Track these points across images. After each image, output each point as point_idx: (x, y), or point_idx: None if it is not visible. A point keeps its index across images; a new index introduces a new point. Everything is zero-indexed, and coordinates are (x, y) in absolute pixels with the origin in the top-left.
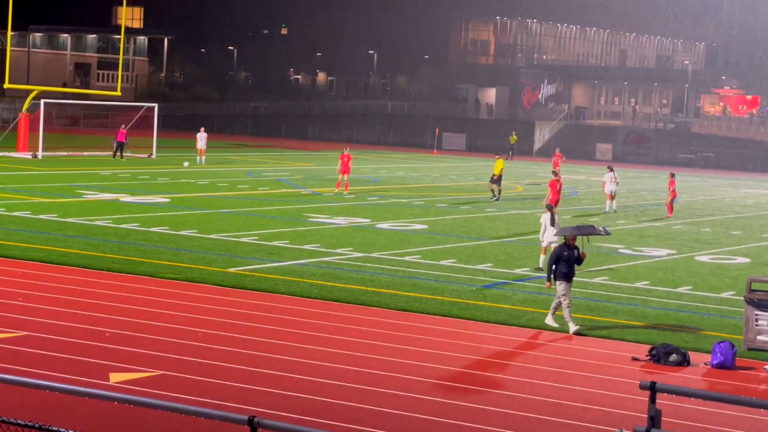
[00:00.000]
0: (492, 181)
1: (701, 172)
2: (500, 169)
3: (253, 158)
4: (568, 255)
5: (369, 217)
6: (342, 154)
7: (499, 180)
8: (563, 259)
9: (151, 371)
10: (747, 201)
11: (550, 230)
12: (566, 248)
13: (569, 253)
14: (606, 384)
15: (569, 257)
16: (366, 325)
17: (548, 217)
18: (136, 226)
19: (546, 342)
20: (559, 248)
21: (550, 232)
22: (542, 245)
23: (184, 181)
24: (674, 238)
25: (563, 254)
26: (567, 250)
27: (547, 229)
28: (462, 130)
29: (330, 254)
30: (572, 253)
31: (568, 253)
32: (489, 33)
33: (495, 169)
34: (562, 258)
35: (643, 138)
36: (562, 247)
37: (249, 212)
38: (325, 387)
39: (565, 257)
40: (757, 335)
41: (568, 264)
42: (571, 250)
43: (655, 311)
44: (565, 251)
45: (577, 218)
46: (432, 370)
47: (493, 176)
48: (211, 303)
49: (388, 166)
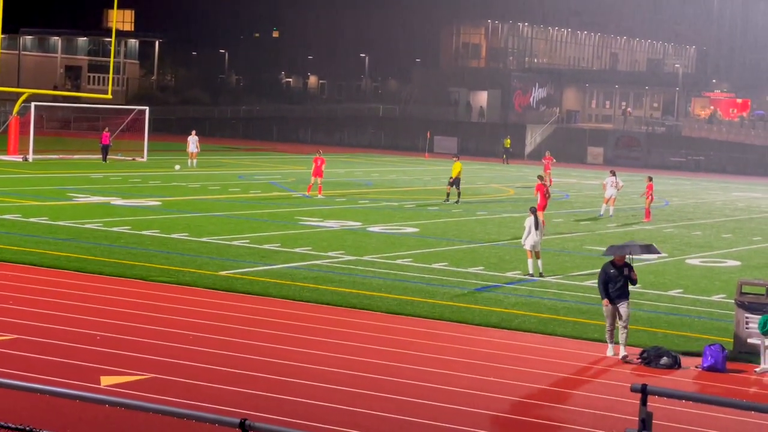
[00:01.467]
0: (449, 183)
1: (692, 176)
2: (458, 171)
3: (245, 161)
4: (616, 274)
5: (360, 220)
6: (315, 157)
7: (456, 183)
8: (612, 279)
9: (142, 374)
10: (737, 204)
11: (534, 234)
12: (612, 266)
13: (616, 271)
14: (598, 387)
15: (618, 276)
16: (357, 329)
17: (532, 220)
18: (127, 229)
19: (537, 345)
20: (605, 267)
21: (533, 236)
22: (526, 248)
23: (176, 184)
24: (665, 241)
25: (610, 273)
26: (613, 268)
27: (531, 232)
28: (453, 133)
29: (321, 257)
30: (621, 272)
31: (615, 272)
32: (480, 36)
33: (452, 172)
34: (610, 278)
35: (634, 141)
36: (608, 266)
37: (240, 215)
38: (317, 390)
39: (613, 277)
40: (747, 338)
41: (618, 283)
42: (618, 268)
43: (646, 314)
44: (611, 269)
45: (573, 222)
46: (424, 374)
47: (450, 179)
48: (203, 306)
49: (380, 170)
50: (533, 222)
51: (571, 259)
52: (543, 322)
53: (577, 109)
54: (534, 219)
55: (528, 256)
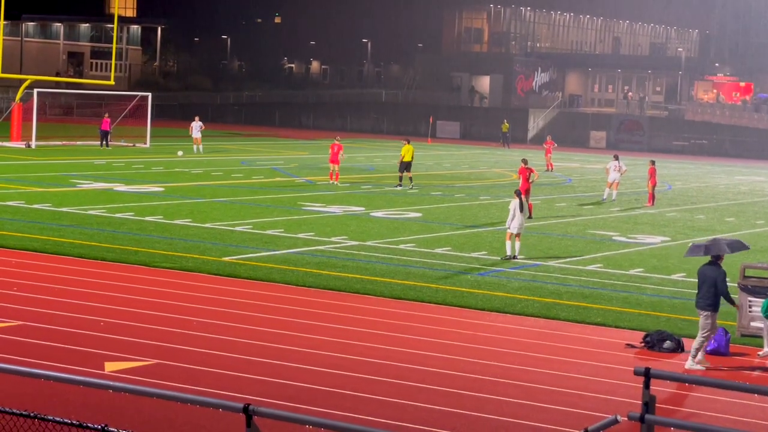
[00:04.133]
0: (400, 169)
1: (695, 159)
2: (410, 155)
3: (247, 147)
4: (713, 277)
5: (363, 205)
6: (333, 143)
7: (407, 167)
8: (708, 282)
9: (146, 360)
10: (741, 188)
11: (519, 217)
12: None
13: (714, 273)
14: (601, 371)
15: (715, 279)
16: (361, 314)
17: (517, 203)
18: (130, 216)
19: (540, 329)
20: (703, 269)
21: (518, 218)
22: (508, 231)
23: (179, 170)
24: (668, 225)
25: (707, 275)
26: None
27: (516, 215)
28: (456, 118)
29: (324, 243)
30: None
31: (713, 275)
32: (483, 21)
33: (405, 156)
34: (706, 281)
35: (637, 125)
36: (706, 268)
37: (243, 201)
38: (320, 375)
39: (710, 279)
40: (750, 321)
41: (713, 288)
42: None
43: (650, 298)
44: (708, 272)
45: (576, 207)
46: (427, 358)
47: (402, 163)
48: (206, 292)
49: (383, 155)
50: (518, 205)
51: (574, 243)
52: (546, 307)
53: (579, 94)
54: (519, 202)
55: (507, 238)
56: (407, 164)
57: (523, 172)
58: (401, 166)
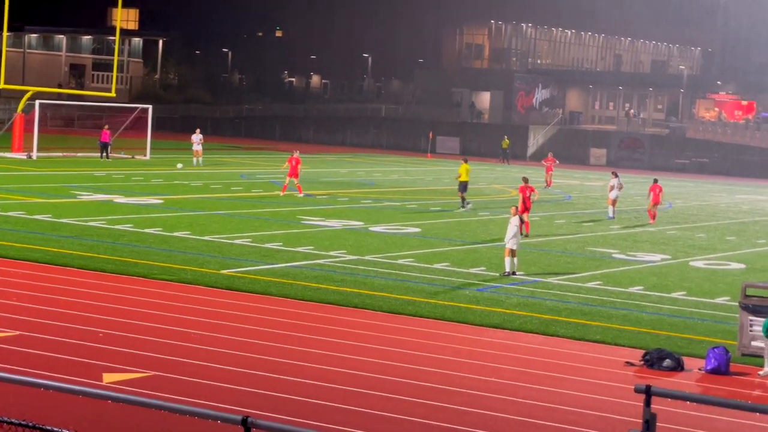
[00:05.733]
0: (460, 189)
1: (696, 178)
2: (466, 174)
3: (247, 160)
4: None
5: (362, 219)
6: (290, 157)
7: (465, 186)
8: None
9: (144, 372)
10: (742, 207)
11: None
12: None
13: None
14: (600, 388)
15: None
16: (359, 328)
17: (517, 219)
18: (129, 227)
19: (539, 346)
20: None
21: (518, 235)
22: (507, 248)
23: (178, 182)
24: (668, 243)
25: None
26: None
27: (516, 233)
28: (456, 133)
29: (323, 257)
30: None
31: None
32: (483, 37)
33: (462, 176)
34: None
35: (638, 143)
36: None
37: (242, 214)
38: (319, 389)
39: None
40: (751, 341)
41: None
42: None
43: (649, 316)
44: None
45: (575, 224)
46: (424, 373)
47: (460, 183)
48: (204, 304)
49: (383, 170)
50: (519, 221)
51: (573, 260)
52: (544, 323)
53: (580, 111)
54: (519, 219)
55: (506, 254)
56: (464, 184)
57: (522, 191)
58: (460, 186)
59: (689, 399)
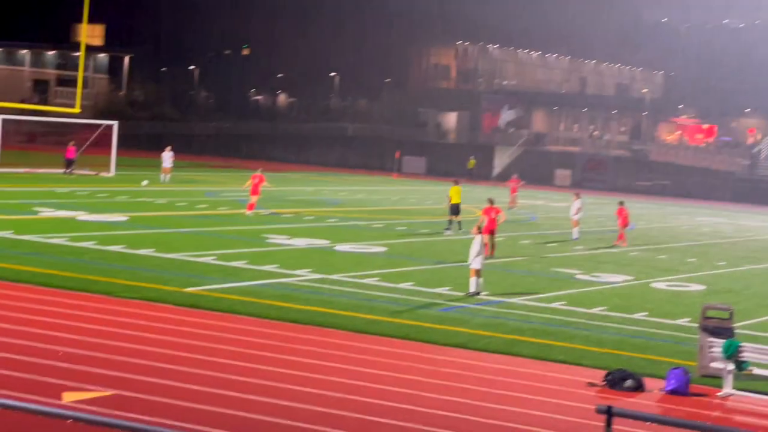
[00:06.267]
0: (450, 211)
1: (658, 200)
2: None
3: (213, 178)
4: None
5: (328, 238)
6: (253, 175)
7: (456, 209)
8: None
9: (105, 391)
10: (703, 229)
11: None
12: None
13: None
14: (562, 409)
15: None
16: (324, 347)
17: (480, 239)
18: (93, 245)
19: (503, 366)
20: None
21: (481, 255)
22: (472, 268)
23: (143, 199)
24: (631, 264)
25: None
26: None
27: (480, 252)
28: (422, 153)
29: (289, 275)
30: None
31: None
32: (450, 57)
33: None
34: None
35: (602, 165)
36: None
37: (208, 232)
38: (281, 408)
39: None
40: (710, 362)
41: None
42: None
43: (612, 337)
44: None
45: (540, 244)
46: (389, 393)
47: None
48: (168, 323)
49: (349, 189)
50: (480, 241)
51: (538, 280)
52: (508, 343)
53: (545, 132)
54: (482, 239)
55: (472, 274)
56: (456, 206)
57: (487, 212)
58: (451, 209)
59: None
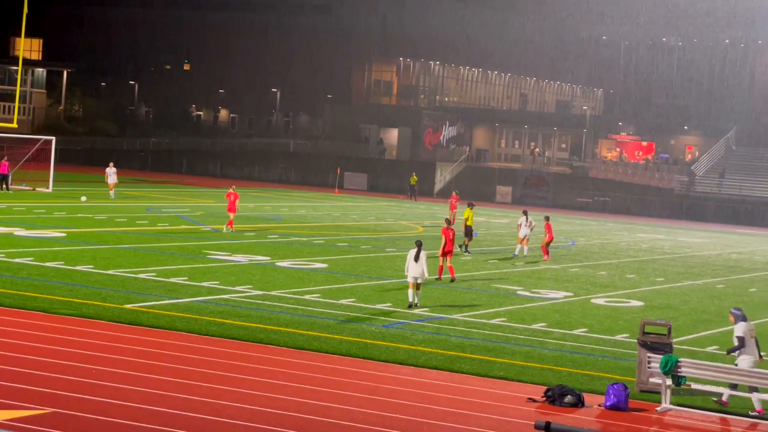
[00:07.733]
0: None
1: (598, 216)
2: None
3: (153, 194)
4: None
5: (269, 254)
6: (228, 192)
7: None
8: None
9: (42, 408)
10: (641, 245)
11: (413, 266)
12: None
13: None
14: (503, 425)
15: None
16: (264, 364)
17: (414, 252)
18: (30, 261)
19: (444, 382)
20: None
21: (413, 267)
22: (408, 280)
23: (82, 215)
24: (571, 280)
25: None
26: None
27: (411, 264)
28: (364, 169)
29: (229, 291)
30: None
31: None
32: (392, 74)
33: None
34: None
35: (542, 181)
36: None
37: (147, 248)
38: (220, 426)
39: None
40: (649, 377)
41: None
42: None
43: (552, 353)
44: None
45: (481, 261)
46: (329, 409)
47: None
48: (107, 339)
49: (290, 205)
50: (415, 254)
51: (479, 296)
52: (449, 360)
53: (486, 149)
54: (417, 251)
55: (410, 286)
56: (470, 228)
57: (445, 233)
58: (465, 231)
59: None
